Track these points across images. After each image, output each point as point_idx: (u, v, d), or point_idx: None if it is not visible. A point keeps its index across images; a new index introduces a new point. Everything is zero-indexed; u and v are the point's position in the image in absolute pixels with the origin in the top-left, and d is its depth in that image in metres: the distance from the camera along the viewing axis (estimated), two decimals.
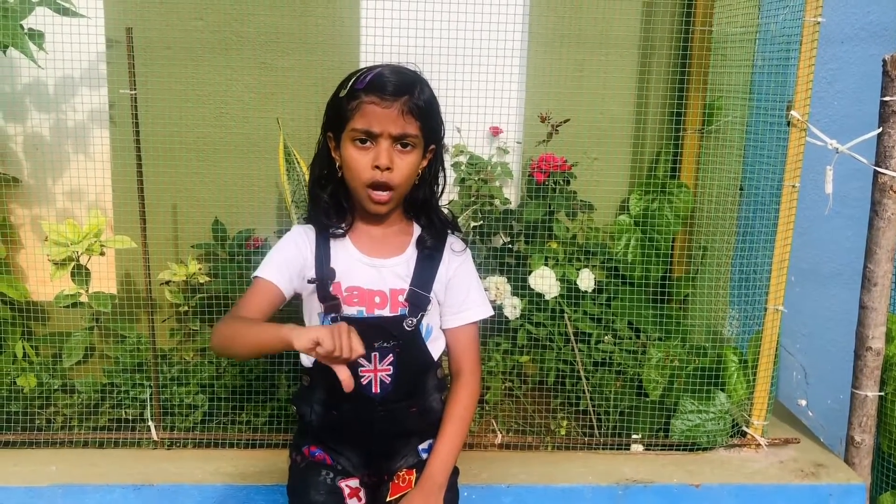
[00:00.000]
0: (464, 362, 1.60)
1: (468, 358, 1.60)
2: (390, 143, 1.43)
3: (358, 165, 1.45)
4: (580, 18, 2.43)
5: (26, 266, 2.43)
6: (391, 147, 1.44)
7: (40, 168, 2.40)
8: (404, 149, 1.45)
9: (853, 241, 2.73)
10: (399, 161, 1.45)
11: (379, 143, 1.43)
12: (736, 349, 2.29)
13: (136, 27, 2.06)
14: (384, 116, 1.41)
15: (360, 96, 1.43)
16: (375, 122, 1.42)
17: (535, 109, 2.40)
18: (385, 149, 1.43)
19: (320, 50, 2.37)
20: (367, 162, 1.44)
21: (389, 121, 1.42)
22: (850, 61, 2.61)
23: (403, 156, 1.45)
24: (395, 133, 1.42)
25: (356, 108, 1.43)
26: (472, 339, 1.61)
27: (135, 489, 1.97)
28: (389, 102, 1.41)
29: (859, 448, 2.20)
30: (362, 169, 1.44)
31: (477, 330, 1.62)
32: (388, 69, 1.45)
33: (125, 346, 2.28)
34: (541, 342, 2.35)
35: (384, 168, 1.43)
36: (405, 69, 1.48)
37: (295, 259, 1.51)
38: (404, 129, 1.43)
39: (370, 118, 1.42)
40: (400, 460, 1.60)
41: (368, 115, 1.42)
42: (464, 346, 1.60)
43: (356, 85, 1.43)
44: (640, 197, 2.45)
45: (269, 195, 2.43)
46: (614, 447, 2.24)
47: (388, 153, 1.43)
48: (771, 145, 2.17)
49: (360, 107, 1.43)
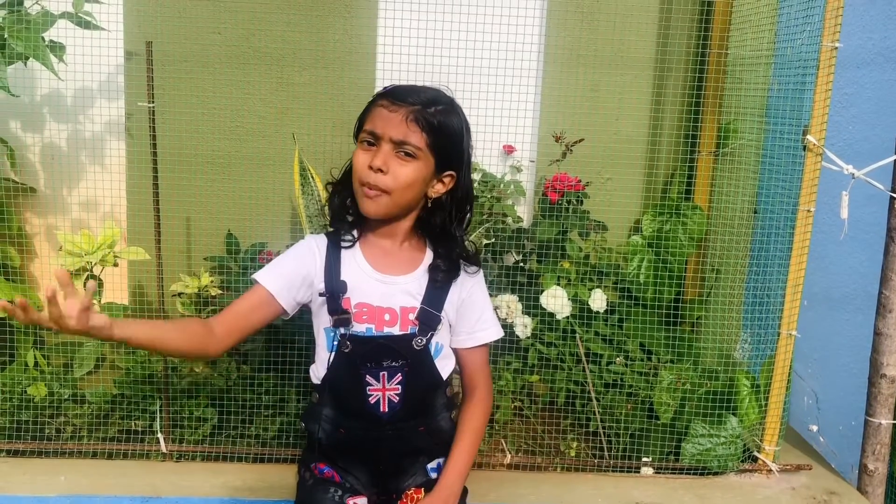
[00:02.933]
0: (477, 380, 1.61)
1: (482, 376, 1.61)
2: (391, 148, 1.43)
3: (356, 165, 1.46)
4: (595, 39, 2.44)
5: (40, 275, 2.44)
6: (391, 152, 1.43)
7: (56, 178, 2.42)
8: (405, 157, 1.44)
9: (867, 266, 2.71)
10: (396, 167, 1.43)
11: (381, 145, 1.44)
12: (748, 373, 2.27)
13: (154, 40, 2.08)
14: (388, 119, 1.42)
15: (376, 100, 1.46)
16: (380, 124, 1.43)
17: (549, 128, 2.40)
18: (384, 151, 1.43)
19: (337, 66, 2.38)
20: (365, 161, 1.44)
21: (392, 124, 1.42)
22: (866, 86, 2.61)
23: (402, 163, 1.44)
24: (396, 137, 1.42)
25: (369, 111, 1.46)
26: (486, 358, 1.62)
27: (143, 501, 1.97)
28: (397, 107, 1.42)
29: (873, 476, 2.18)
30: (359, 168, 1.45)
31: (489, 349, 1.62)
32: (419, 84, 1.48)
33: (136, 358, 2.28)
34: (551, 362, 2.33)
35: (376, 169, 1.43)
36: (437, 89, 1.49)
37: (298, 269, 1.51)
38: (405, 135, 1.42)
39: (376, 120, 1.44)
40: (408, 479, 1.59)
41: (375, 118, 1.44)
42: (478, 367, 1.61)
43: (380, 91, 1.47)
44: (654, 218, 2.44)
45: (282, 209, 2.44)
46: (624, 469, 2.23)
47: (385, 156, 1.43)
48: (786, 169, 2.16)
49: (371, 110, 1.46)
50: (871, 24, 2.60)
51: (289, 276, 1.50)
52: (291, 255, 1.54)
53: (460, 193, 1.54)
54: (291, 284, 1.50)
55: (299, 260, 1.52)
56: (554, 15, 2.43)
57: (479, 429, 1.59)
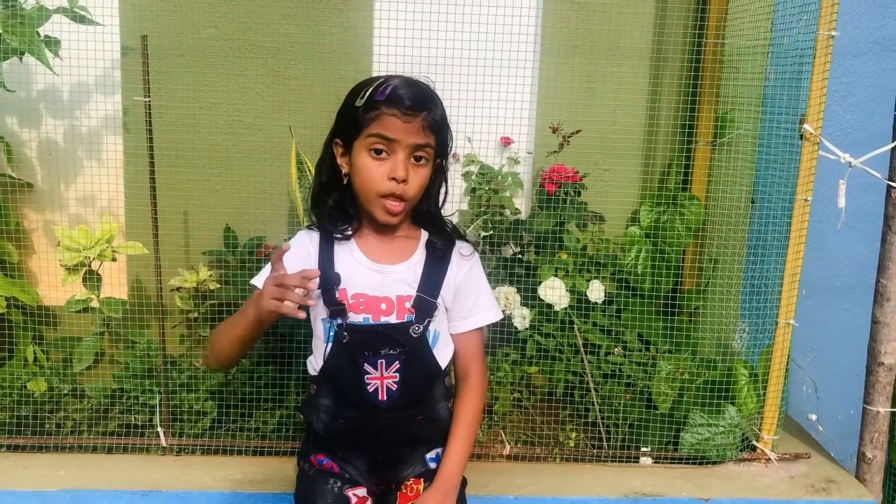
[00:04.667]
0: (472, 367, 1.62)
1: (476, 362, 1.62)
2: (406, 156, 1.44)
3: (373, 175, 1.45)
4: (592, 30, 2.44)
5: (38, 271, 2.45)
6: (407, 160, 1.45)
7: (54, 173, 2.41)
8: (418, 162, 1.47)
9: (865, 255, 2.72)
10: (413, 174, 1.46)
11: (396, 155, 1.44)
12: (746, 363, 2.28)
13: (150, 35, 2.07)
14: (405, 130, 1.43)
15: (380, 107, 1.44)
16: (396, 135, 1.43)
17: (546, 120, 2.40)
18: (402, 161, 1.44)
19: (333, 59, 2.38)
20: (384, 173, 1.45)
21: (410, 134, 1.43)
22: (863, 74, 2.61)
23: (418, 169, 1.47)
24: (414, 147, 1.44)
25: (375, 118, 1.44)
26: (481, 344, 1.64)
27: (143, 495, 1.97)
28: (411, 117, 1.43)
29: (871, 464, 2.18)
30: (378, 180, 1.45)
31: (483, 336, 1.63)
32: (403, 81, 1.46)
33: (135, 352, 2.29)
34: (550, 353, 2.34)
35: (401, 180, 1.44)
36: (420, 83, 1.49)
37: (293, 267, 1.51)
38: (423, 143, 1.45)
39: (391, 130, 1.43)
40: (407, 469, 1.60)
41: (390, 128, 1.43)
42: (473, 352, 1.61)
43: (376, 96, 1.44)
44: (651, 209, 2.44)
45: (280, 203, 2.44)
46: (623, 460, 2.23)
47: (406, 165, 1.44)
48: (783, 158, 2.16)
49: (380, 118, 1.44)
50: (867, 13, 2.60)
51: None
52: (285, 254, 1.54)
53: (442, 177, 1.59)
54: None
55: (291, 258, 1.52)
56: (550, 6, 2.43)
57: (475, 418, 1.60)
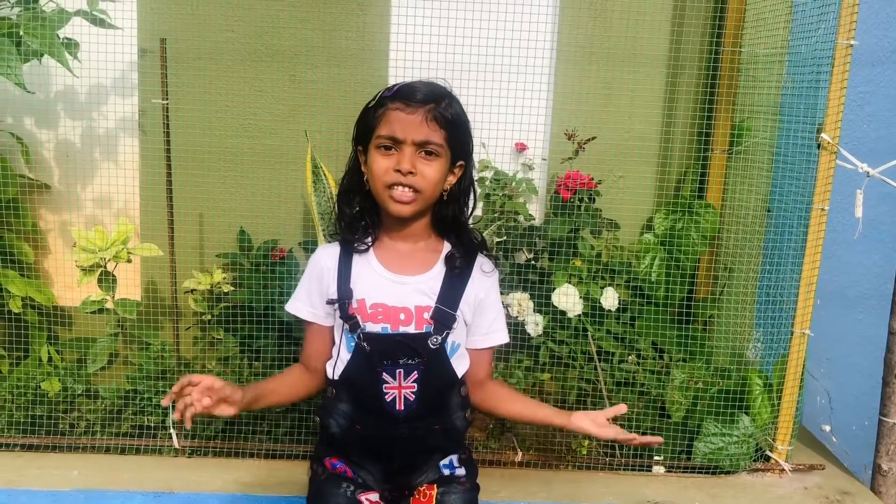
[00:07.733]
0: (485, 377, 1.66)
1: (487, 373, 1.67)
2: (414, 150, 1.44)
3: (380, 169, 1.46)
4: (609, 37, 2.43)
5: (54, 271, 2.46)
6: (415, 153, 1.45)
7: (70, 175, 2.43)
8: (428, 156, 1.46)
9: (881, 265, 2.70)
10: (423, 167, 1.45)
11: (403, 149, 1.44)
12: (761, 372, 2.27)
13: (168, 38, 2.08)
14: (408, 122, 1.43)
15: (386, 104, 1.45)
16: (399, 128, 1.43)
17: (561, 126, 2.39)
18: (408, 154, 1.44)
19: (349, 64, 2.38)
20: (389, 165, 1.45)
21: (413, 126, 1.43)
22: (881, 84, 2.59)
23: (428, 162, 1.46)
24: (419, 139, 1.44)
25: (382, 115, 1.45)
26: (492, 358, 1.68)
27: (155, 496, 1.98)
28: (414, 108, 1.43)
29: (886, 476, 2.16)
30: (383, 172, 1.46)
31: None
32: (418, 81, 1.48)
33: (149, 353, 2.29)
34: (563, 360, 2.33)
35: (406, 172, 1.44)
36: (434, 83, 1.50)
37: (318, 288, 1.56)
38: (428, 135, 1.44)
39: (394, 124, 1.44)
40: (421, 476, 1.59)
41: (393, 121, 1.44)
42: (486, 368, 1.66)
43: (384, 94, 1.47)
44: (666, 216, 2.43)
45: (294, 206, 2.44)
46: (636, 468, 2.22)
47: (411, 158, 1.44)
48: (800, 167, 2.15)
49: (385, 114, 1.45)
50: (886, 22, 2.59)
51: (311, 298, 1.57)
52: (307, 276, 1.59)
53: (467, 182, 1.57)
54: (317, 304, 1.56)
55: (311, 280, 1.57)
56: (567, 12, 2.42)
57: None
